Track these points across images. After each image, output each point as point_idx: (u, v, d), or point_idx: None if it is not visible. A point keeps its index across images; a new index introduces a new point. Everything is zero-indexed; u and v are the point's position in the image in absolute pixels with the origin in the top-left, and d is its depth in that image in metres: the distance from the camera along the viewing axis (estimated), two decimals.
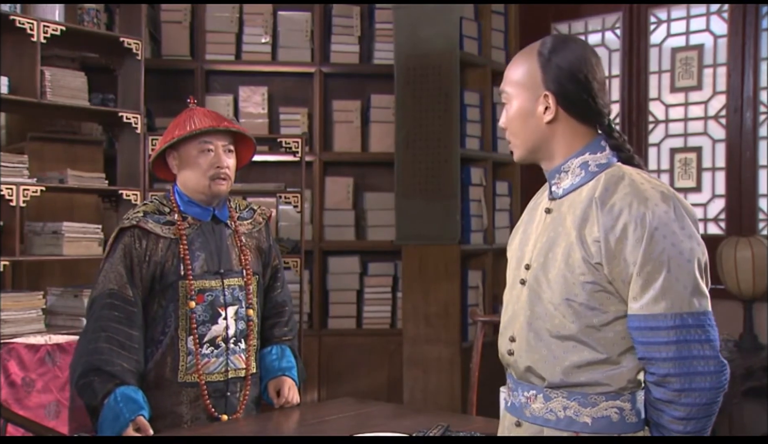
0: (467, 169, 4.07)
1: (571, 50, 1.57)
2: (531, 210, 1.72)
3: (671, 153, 4.09)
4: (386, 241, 4.36)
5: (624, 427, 1.53)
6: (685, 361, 1.47)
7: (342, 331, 4.44)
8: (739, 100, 3.83)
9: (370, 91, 4.50)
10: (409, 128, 4.06)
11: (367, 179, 4.59)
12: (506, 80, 1.63)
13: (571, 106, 1.56)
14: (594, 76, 1.56)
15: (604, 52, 4.30)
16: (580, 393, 1.53)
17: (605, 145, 1.59)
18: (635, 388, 1.54)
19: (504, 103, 1.64)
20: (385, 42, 4.41)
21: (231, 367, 2.27)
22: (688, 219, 1.50)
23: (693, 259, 1.48)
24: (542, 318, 1.56)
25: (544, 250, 1.58)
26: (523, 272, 1.62)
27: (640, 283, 1.47)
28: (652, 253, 1.46)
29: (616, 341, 1.52)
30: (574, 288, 1.52)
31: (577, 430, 1.54)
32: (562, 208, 1.59)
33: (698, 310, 1.47)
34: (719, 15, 3.91)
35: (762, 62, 3.77)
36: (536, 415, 1.58)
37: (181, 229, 2.26)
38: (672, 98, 4.09)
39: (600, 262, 1.50)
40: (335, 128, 4.54)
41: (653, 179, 1.56)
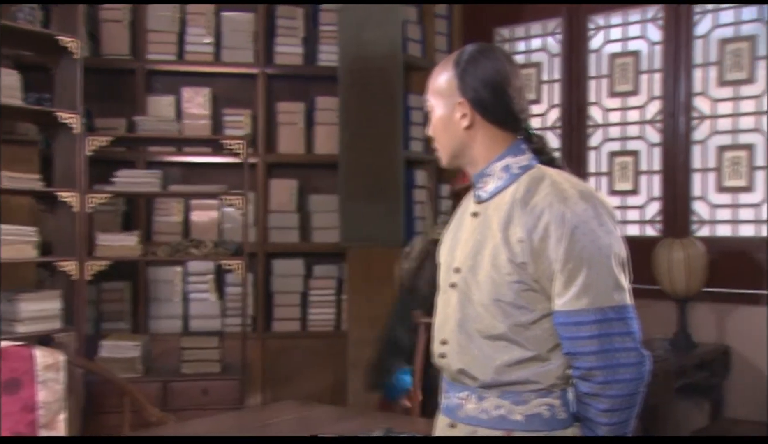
0: (411, 172, 4.10)
1: (486, 58, 1.63)
2: (460, 214, 1.76)
3: (610, 156, 4.18)
4: (331, 243, 4.36)
5: (554, 424, 1.56)
6: (607, 354, 1.51)
7: (286, 333, 4.41)
8: (674, 106, 3.94)
9: (315, 93, 4.49)
10: (354, 130, 4.06)
11: (312, 181, 4.58)
12: (429, 90, 1.69)
13: (488, 113, 1.62)
14: (509, 83, 1.62)
15: (545, 57, 4.37)
16: (512, 391, 1.56)
17: (525, 148, 1.64)
18: (565, 385, 1.57)
19: (429, 111, 1.69)
20: (329, 44, 4.41)
21: None
22: (607, 216, 1.55)
23: (612, 255, 1.53)
24: (473, 319, 1.59)
25: (472, 253, 1.62)
26: (453, 276, 1.65)
27: (563, 280, 1.51)
28: (573, 251, 1.51)
29: (545, 338, 1.56)
30: (501, 288, 1.55)
31: (510, 428, 1.57)
32: (488, 211, 1.63)
33: (619, 304, 1.52)
34: (654, 23, 4.02)
35: (695, 69, 3.89)
36: (470, 415, 1.60)
37: None
38: (610, 103, 4.18)
39: (525, 261, 1.53)
40: (279, 130, 4.51)
41: (573, 179, 1.60)
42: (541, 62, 4.39)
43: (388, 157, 3.99)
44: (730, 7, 3.79)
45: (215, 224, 4.39)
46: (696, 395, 3.64)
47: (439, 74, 1.66)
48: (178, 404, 3.53)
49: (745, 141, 3.78)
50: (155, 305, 4.31)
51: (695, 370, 3.50)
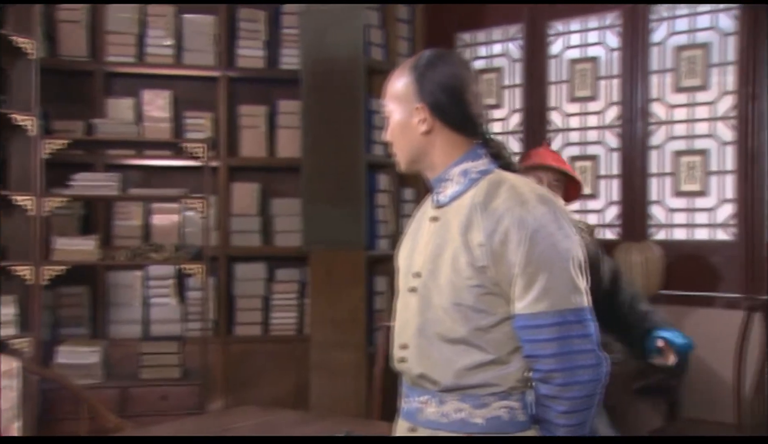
0: (373, 175, 4.10)
1: (444, 64, 1.64)
2: (418, 219, 1.77)
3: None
4: (293, 246, 4.35)
5: (514, 426, 1.58)
6: (566, 357, 1.53)
7: (248, 338, 4.39)
8: (632, 111, 4.00)
9: (277, 97, 4.48)
10: (316, 134, 4.06)
11: (274, 185, 4.57)
12: (386, 95, 1.69)
13: (446, 117, 1.63)
14: (467, 87, 1.64)
15: (506, 62, 4.41)
16: (473, 395, 1.57)
17: (483, 153, 1.66)
18: (524, 388, 1.59)
19: (387, 117, 1.69)
20: (291, 47, 4.40)
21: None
22: (564, 220, 1.58)
23: (570, 258, 1.55)
24: (433, 323, 1.60)
25: (432, 257, 1.62)
26: (413, 280, 1.66)
27: (523, 283, 1.53)
28: (533, 254, 1.53)
29: (505, 342, 1.57)
30: (462, 292, 1.56)
31: (471, 431, 1.58)
32: (447, 215, 1.64)
33: (577, 307, 1.54)
34: (612, 29, 4.08)
35: (651, 75, 3.96)
36: (430, 419, 1.61)
37: None
38: (570, 108, 4.23)
39: (485, 265, 1.55)
40: (241, 133, 4.49)
41: (531, 183, 1.63)
42: (502, 67, 4.43)
43: (350, 160, 3.99)
44: (685, 15, 3.87)
45: (176, 228, 4.35)
46: (653, 396, 3.70)
47: (397, 79, 1.67)
48: (137, 410, 3.50)
49: (700, 146, 3.85)
50: (115, 310, 4.25)
51: (653, 371, 3.55)
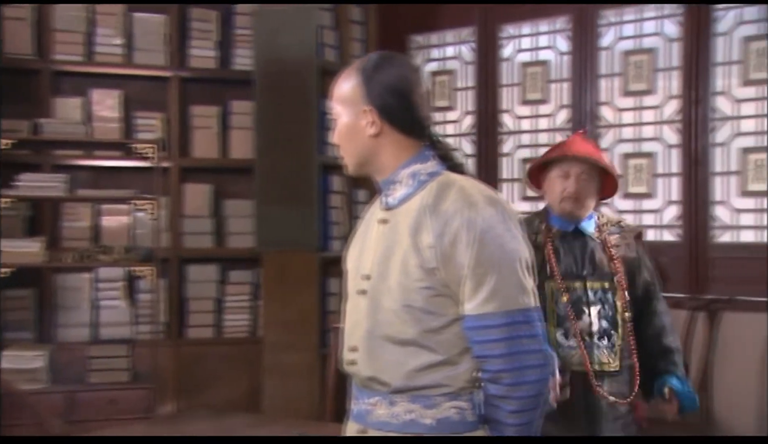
0: (327, 177, 4.10)
1: (391, 66, 1.64)
2: (366, 221, 1.76)
3: (522, 162, 4.28)
4: (246, 248, 4.32)
5: (464, 426, 1.59)
6: (515, 357, 1.54)
7: (200, 340, 4.35)
8: (581, 114, 4.07)
9: (230, 97, 4.44)
10: (269, 135, 4.04)
11: (227, 186, 4.53)
12: (334, 97, 1.68)
13: (394, 120, 1.62)
14: (414, 90, 1.63)
15: (459, 65, 4.45)
16: (423, 395, 1.58)
17: (431, 155, 1.66)
18: (473, 388, 1.60)
19: (334, 119, 1.68)
20: (244, 48, 4.37)
21: (594, 360, 2.44)
22: (512, 221, 1.59)
23: (518, 259, 1.57)
24: (383, 326, 1.60)
25: (381, 260, 1.62)
26: (362, 283, 1.65)
27: (472, 284, 1.54)
28: (482, 256, 1.54)
29: (454, 342, 1.58)
30: (412, 294, 1.56)
31: (421, 431, 1.58)
32: (396, 218, 1.64)
33: (525, 307, 1.56)
34: (562, 34, 4.14)
35: (600, 79, 4.03)
36: (381, 420, 1.61)
37: (547, 236, 2.50)
38: (522, 110, 4.29)
39: (435, 267, 1.55)
40: (194, 134, 4.44)
41: (479, 185, 1.64)
42: (455, 69, 4.47)
43: (303, 161, 3.98)
44: (632, 21, 3.95)
45: (126, 230, 4.28)
46: None
47: (344, 82, 1.66)
48: (85, 415, 3.43)
49: (646, 149, 3.94)
50: (62, 313, 4.17)
51: None
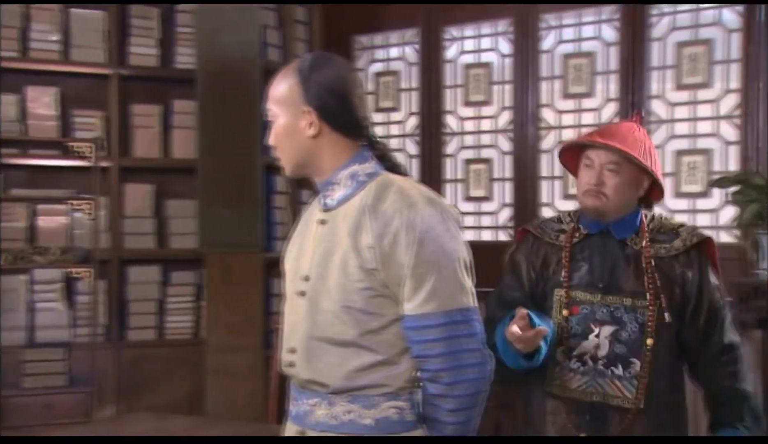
0: (270, 177, 4.08)
1: (329, 67, 1.64)
2: (305, 222, 1.76)
3: (465, 163, 4.33)
4: (189, 249, 4.27)
5: (403, 425, 1.61)
6: (454, 356, 1.57)
7: (142, 342, 4.28)
8: (523, 116, 4.13)
9: (172, 96, 4.38)
10: (212, 135, 4.00)
11: (169, 186, 4.46)
12: (270, 98, 1.67)
13: (333, 121, 1.63)
14: (352, 91, 1.65)
15: (404, 66, 4.47)
16: (363, 396, 1.59)
17: (369, 156, 1.68)
18: (413, 388, 1.62)
19: (271, 120, 1.67)
20: (186, 46, 4.31)
21: (598, 390, 2.09)
22: (451, 221, 1.61)
23: (457, 259, 1.59)
24: (323, 327, 1.60)
25: (321, 261, 1.63)
26: (301, 284, 1.65)
27: (413, 284, 1.56)
28: (422, 256, 1.55)
29: (394, 342, 1.60)
30: (352, 295, 1.57)
31: (361, 431, 1.59)
32: (335, 219, 1.64)
33: (464, 307, 1.58)
34: (504, 36, 4.20)
35: (541, 81, 4.09)
36: (320, 421, 1.62)
37: (570, 237, 2.17)
38: (465, 112, 4.33)
39: (375, 267, 1.56)
40: (134, 133, 4.37)
41: (418, 185, 1.66)
42: (399, 70, 4.49)
43: (247, 161, 3.95)
44: (572, 24, 4.02)
45: (64, 230, 4.19)
46: None
47: (281, 82, 1.66)
48: (19, 421, 3.35)
49: None
50: None
51: None
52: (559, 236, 2.18)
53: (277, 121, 1.66)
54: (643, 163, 2.07)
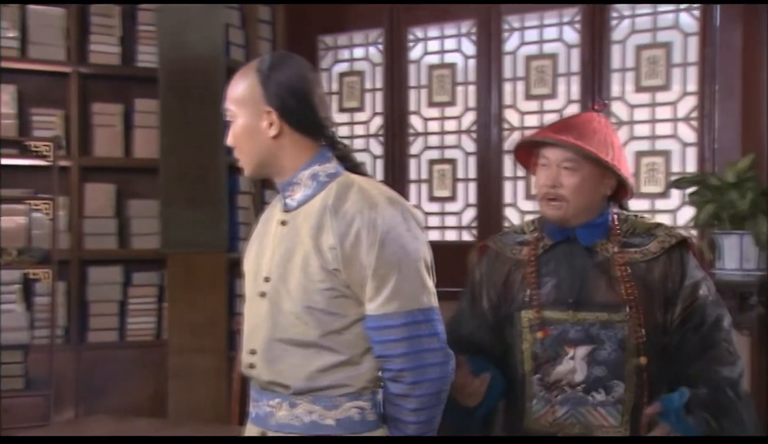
0: (234, 177, 4.05)
1: (289, 67, 1.64)
2: (265, 222, 1.75)
3: (430, 164, 4.34)
4: (151, 249, 4.22)
5: (365, 425, 1.61)
6: (416, 355, 1.57)
7: (103, 344, 4.22)
8: (487, 117, 4.16)
9: (134, 95, 4.33)
10: (175, 134, 3.96)
11: (131, 186, 4.41)
12: (229, 98, 1.66)
13: (294, 121, 1.63)
14: (313, 90, 1.64)
15: (368, 66, 4.47)
16: (324, 396, 1.59)
17: (330, 156, 1.68)
18: (375, 388, 1.62)
19: (230, 120, 1.66)
20: (148, 45, 4.26)
21: (579, 420, 1.85)
22: (413, 221, 1.61)
23: (419, 259, 1.60)
24: (284, 328, 1.60)
25: (282, 262, 1.62)
26: (262, 285, 1.64)
27: (375, 284, 1.56)
28: (384, 256, 1.56)
29: (356, 343, 1.60)
30: (313, 295, 1.57)
31: (322, 432, 1.59)
32: (296, 219, 1.64)
33: (426, 306, 1.59)
34: (468, 37, 4.22)
35: (505, 83, 4.13)
36: (281, 422, 1.61)
37: (533, 249, 1.93)
38: (430, 112, 4.34)
39: (337, 268, 1.56)
40: (95, 132, 4.31)
41: (379, 185, 1.66)
42: (364, 71, 4.49)
43: (210, 161, 3.92)
44: (535, 27, 4.06)
45: (23, 230, 4.11)
46: None
47: (240, 82, 1.64)
48: None
49: None
50: None
51: None
52: (522, 249, 1.96)
53: (237, 122, 1.64)
54: (602, 157, 1.85)
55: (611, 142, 1.90)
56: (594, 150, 1.85)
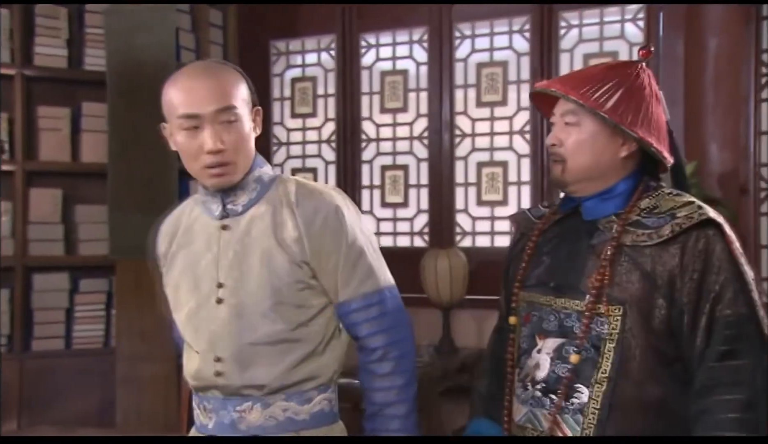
0: (185, 182, 4.00)
1: None
2: (188, 232, 1.71)
3: (382, 170, 4.35)
4: (99, 255, 4.14)
5: (332, 417, 1.66)
6: (397, 329, 1.62)
7: (49, 352, 4.12)
8: (439, 123, 4.18)
9: (81, 98, 4.25)
10: (124, 139, 3.90)
11: (79, 191, 4.32)
12: (234, 97, 1.59)
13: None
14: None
15: (321, 72, 4.46)
16: (297, 392, 1.60)
17: (264, 160, 1.70)
18: (336, 380, 1.67)
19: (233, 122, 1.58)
20: (96, 47, 4.19)
21: (535, 425, 1.58)
22: (354, 205, 1.69)
23: (374, 239, 1.68)
24: (252, 329, 1.58)
25: (235, 265, 1.61)
26: (214, 291, 1.62)
27: (348, 268, 1.60)
28: (351, 240, 1.60)
29: (321, 333, 1.62)
30: (281, 290, 1.58)
31: (298, 428, 1.60)
32: (241, 222, 1.63)
33: (391, 283, 1.66)
34: (420, 44, 4.25)
35: (456, 89, 4.16)
36: (255, 425, 1.59)
37: (544, 224, 1.67)
38: (382, 118, 4.35)
39: (305, 259, 1.58)
40: (41, 136, 4.22)
41: (318, 183, 1.74)
42: (316, 76, 4.48)
43: (161, 166, 3.86)
44: (486, 34, 4.10)
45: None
46: (457, 396, 3.87)
47: (236, 81, 1.61)
48: None
49: (500, 158, 4.10)
50: None
51: (457, 373, 3.72)
52: (537, 224, 1.71)
53: (242, 122, 1.59)
54: (599, 110, 1.52)
55: (638, 98, 1.55)
56: (596, 99, 1.52)
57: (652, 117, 1.56)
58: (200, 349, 1.63)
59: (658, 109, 1.59)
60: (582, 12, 3.88)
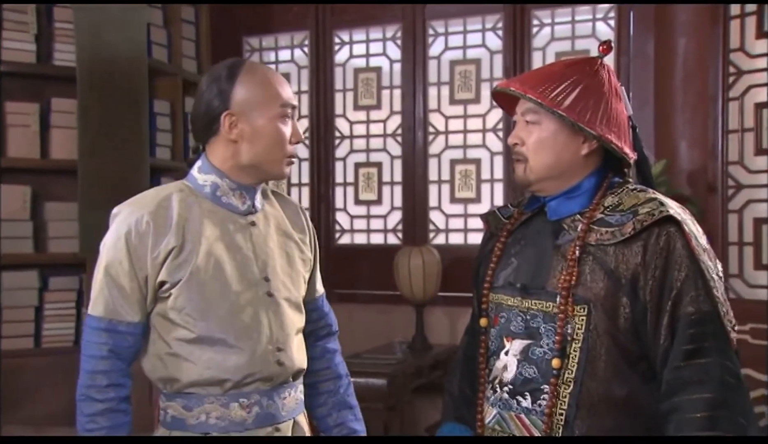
0: (157, 180, 3.97)
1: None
2: (201, 226, 1.64)
3: (356, 167, 4.35)
4: (69, 253, 4.10)
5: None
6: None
7: (17, 351, 4.05)
8: (412, 120, 4.20)
9: (50, 94, 4.18)
10: (95, 135, 3.86)
11: (48, 188, 4.25)
12: (293, 97, 1.74)
13: None
14: None
15: (294, 68, 4.45)
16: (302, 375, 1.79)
17: None
18: None
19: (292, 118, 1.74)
20: (66, 43, 4.13)
21: (504, 428, 1.57)
22: None
23: None
24: (292, 320, 1.71)
25: (270, 260, 1.70)
26: (263, 285, 1.67)
27: (317, 267, 1.85)
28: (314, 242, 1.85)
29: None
30: (300, 285, 1.76)
31: (301, 409, 1.74)
32: (261, 220, 1.74)
33: None
34: (394, 41, 4.26)
35: (430, 87, 4.17)
36: (290, 409, 1.70)
37: (511, 224, 1.67)
38: (355, 115, 4.36)
39: (310, 256, 1.80)
40: (8, 132, 4.15)
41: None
42: (289, 73, 4.47)
43: (133, 163, 3.84)
44: (459, 32, 4.12)
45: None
46: (430, 393, 3.89)
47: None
48: None
49: (473, 156, 4.12)
50: None
51: (430, 370, 3.74)
52: (506, 221, 1.72)
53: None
54: (554, 108, 1.52)
55: (597, 95, 1.56)
56: (549, 100, 1.52)
57: (611, 113, 1.57)
58: (255, 341, 1.64)
59: (618, 105, 1.60)
60: (554, 11, 3.91)
